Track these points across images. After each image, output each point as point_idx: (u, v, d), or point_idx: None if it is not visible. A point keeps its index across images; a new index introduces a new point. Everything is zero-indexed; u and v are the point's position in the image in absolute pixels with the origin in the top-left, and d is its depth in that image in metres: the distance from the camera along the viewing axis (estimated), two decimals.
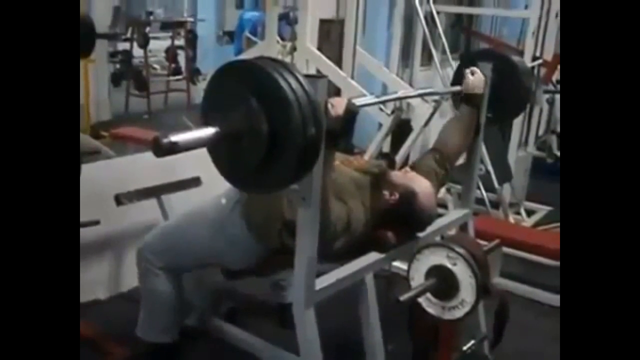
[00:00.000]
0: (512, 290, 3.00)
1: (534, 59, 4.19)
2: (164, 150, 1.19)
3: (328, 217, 1.70)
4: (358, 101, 1.66)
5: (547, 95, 4.69)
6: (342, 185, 1.91)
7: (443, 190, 3.80)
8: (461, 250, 1.60)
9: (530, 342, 2.65)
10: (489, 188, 3.65)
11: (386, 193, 1.94)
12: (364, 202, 1.93)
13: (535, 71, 4.24)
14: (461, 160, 2.33)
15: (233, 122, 1.31)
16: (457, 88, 2.17)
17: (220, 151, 1.38)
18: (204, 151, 1.38)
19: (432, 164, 2.16)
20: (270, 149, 1.29)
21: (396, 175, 2.00)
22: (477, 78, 2.12)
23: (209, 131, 1.29)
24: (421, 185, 1.96)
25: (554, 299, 2.94)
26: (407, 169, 2.08)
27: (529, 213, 4.30)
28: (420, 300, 1.66)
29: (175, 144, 1.19)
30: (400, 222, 1.96)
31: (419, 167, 2.13)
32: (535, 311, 2.92)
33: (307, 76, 1.33)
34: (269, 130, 1.28)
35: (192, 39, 8.12)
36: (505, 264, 3.15)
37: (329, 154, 1.56)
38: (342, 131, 1.58)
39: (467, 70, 2.13)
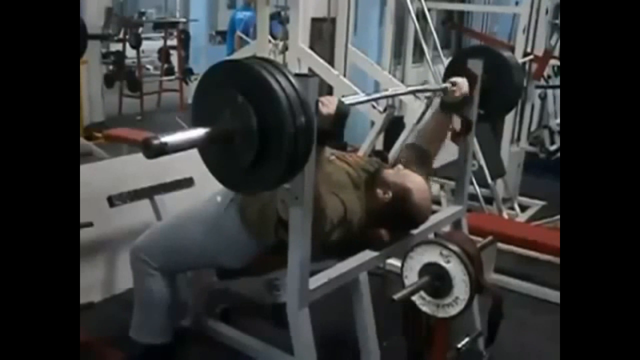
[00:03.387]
0: (507, 285, 3.02)
1: (525, 54, 4.20)
2: (154, 151, 1.18)
3: (324, 211, 1.70)
4: (349, 99, 1.66)
5: (538, 91, 4.70)
6: (338, 181, 1.91)
7: (437, 186, 3.81)
8: (454, 248, 1.60)
9: (528, 339, 2.66)
10: (482, 184, 3.65)
11: (379, 192, 1.93)
12: (359, 198, 1.93)
13: (527, 67, 4.25)
14: (454, 157, 2.34)
15: (223, 122, 1.31)
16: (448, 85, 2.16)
17: (212, 152, 1.38)
18: (196, 151, 1.37)
19: (412, 154, 2.17)
20: (261, 148, 1.29)
21: (389, 174, 1.99)
22: (461, 86, 2.09)
23: (199, 132, 1.29)
24: (415, 182, 1.95)
25: (550, 294, 2.95)
26: (400, 166, 2.07)
27: (523, 208, 4.31)
28: (414, 298, 1.65)
29: (165, 145, 1.19)
30: (395, 219, 1.96)
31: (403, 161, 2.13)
32: (529, 307, 2.92)
33: (297, 75, 1.33)
34: (260, 129, 1.28)
35: (184, 39, 8.11)
36: (499, 260, 3.19)
37: (319, 152, 1.56)
38: (333, 130, 1.58)
39: (450, 83, 2.09)
